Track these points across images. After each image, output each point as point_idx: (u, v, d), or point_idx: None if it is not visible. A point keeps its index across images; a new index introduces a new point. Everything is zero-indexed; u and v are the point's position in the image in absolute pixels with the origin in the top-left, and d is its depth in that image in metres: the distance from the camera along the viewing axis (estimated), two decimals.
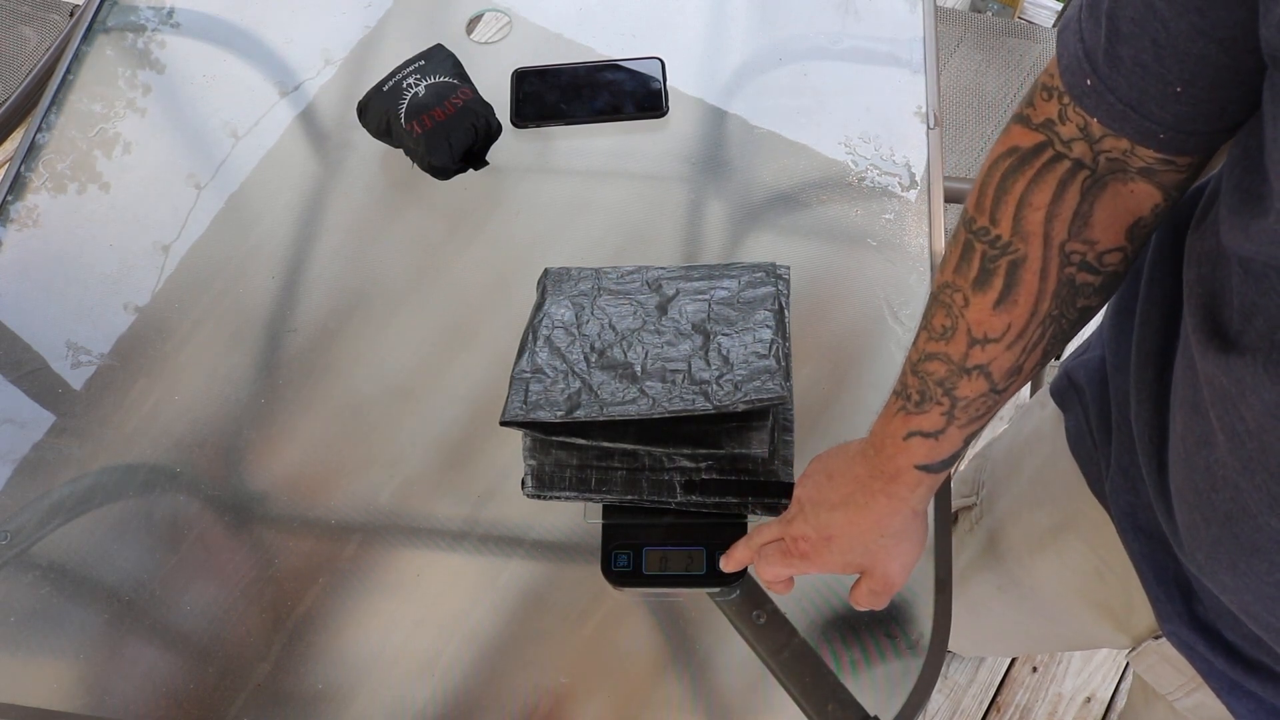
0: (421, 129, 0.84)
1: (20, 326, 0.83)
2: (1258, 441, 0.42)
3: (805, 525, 0.62)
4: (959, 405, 0.55)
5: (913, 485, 0.58)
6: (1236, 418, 0.43)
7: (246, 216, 0.87)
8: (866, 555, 0.61)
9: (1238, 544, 0.45)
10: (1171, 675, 0.66)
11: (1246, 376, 0.41)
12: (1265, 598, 0.46)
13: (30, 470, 0.76)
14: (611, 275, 0.78)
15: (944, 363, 0.54)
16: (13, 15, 1.49)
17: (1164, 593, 0.59)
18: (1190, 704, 0.67)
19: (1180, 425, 0.49)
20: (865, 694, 0.66)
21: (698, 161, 0.88)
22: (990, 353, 0.52)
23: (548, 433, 0.68)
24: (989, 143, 1.34)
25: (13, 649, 0.70)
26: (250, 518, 0.74)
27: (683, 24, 0.96)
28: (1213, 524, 0.47)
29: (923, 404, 0.56)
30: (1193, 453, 0.48)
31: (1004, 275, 0.51)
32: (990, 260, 0.51)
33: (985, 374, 0.53)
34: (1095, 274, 0.50)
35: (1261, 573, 0.45)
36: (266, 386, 0.79)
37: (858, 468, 0.60)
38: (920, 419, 0.56)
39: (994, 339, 0.52)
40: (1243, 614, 0.50)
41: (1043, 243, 0.49)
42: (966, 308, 0.52)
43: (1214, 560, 0.49)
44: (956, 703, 1.44)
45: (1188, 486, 0.49)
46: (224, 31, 0.98)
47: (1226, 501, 0.45)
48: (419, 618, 0.70)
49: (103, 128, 0.93)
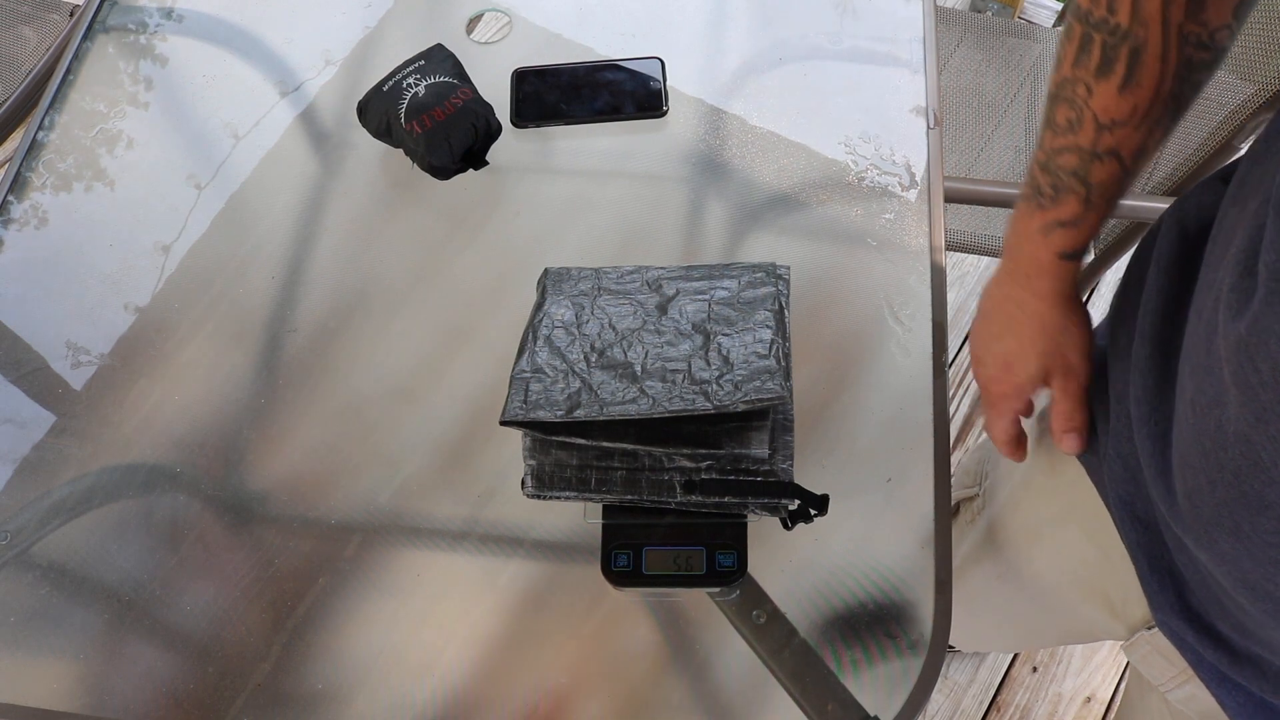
0: (421, 129, 0.84)
1: (20, 326, 0.83)
2: (1272, 391, 0.42)
3: (986, 369, 0.68)
4: (1094, 190, 0.59)
5: (1058, 275, 0.63)
6: (1252, 370, 0.43)
7: (246, 216, 0.87)
8: (1044, 359, 0.65)
9: (1245, 502, 0.46)
10: (1164, 666, 0.66)
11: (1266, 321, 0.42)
12: (1267, 561, 0.47)
13: (30, 470, 0.76)
14: (611, 275, 0.78)
15: (1075, 153, 0.58)
16: (13, 15, 1.49)
17: (1157, 582, 0.60)
18: (1182, 695, 0.67)
19: (1190, 390, 0.50)
20: (865, 694, 0.66)
21: (698, 161, 0.88)
22: (1119, 135, 0.56)
23: (548, 432, 0.68)
24: (989, 143, 1.34)
25: (13, 649, 0.70)
26: (250, 518, 0.74)
27: (683, 24, 0.96)
28: (1219, 485, 0.48)
29: (1058, 196, 0.60)
30: (1203, 415, 0.48)
31: (1126, 61, 0.54)
32: (1111, 49, 0.54)
33: (1116, 156, 0.57)
34: (1208, 50, 0.53)
35: (1266, 532, 0.46)
36: (266, 386, 0.79)
37: (1004, 290, 0.66)
38: (1058, 211, 0.60)
39: (1122, 122, 0.56)
40: (1239, 586, 0.50)
41: (1162, 27, 0.52)
42: (1091, 97, 0.55)
43: (1216, 526, 0.49)
44: (956, 703, 1.44)
45: (1195, 450, 0.50)
46: (224, 31, 0.98)
47: (1237, 458, 0.46)
48: (419, 618, 0.70)
49: (103, 127, 0.93)
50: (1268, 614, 0.50)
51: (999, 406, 0.69)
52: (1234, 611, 0.54)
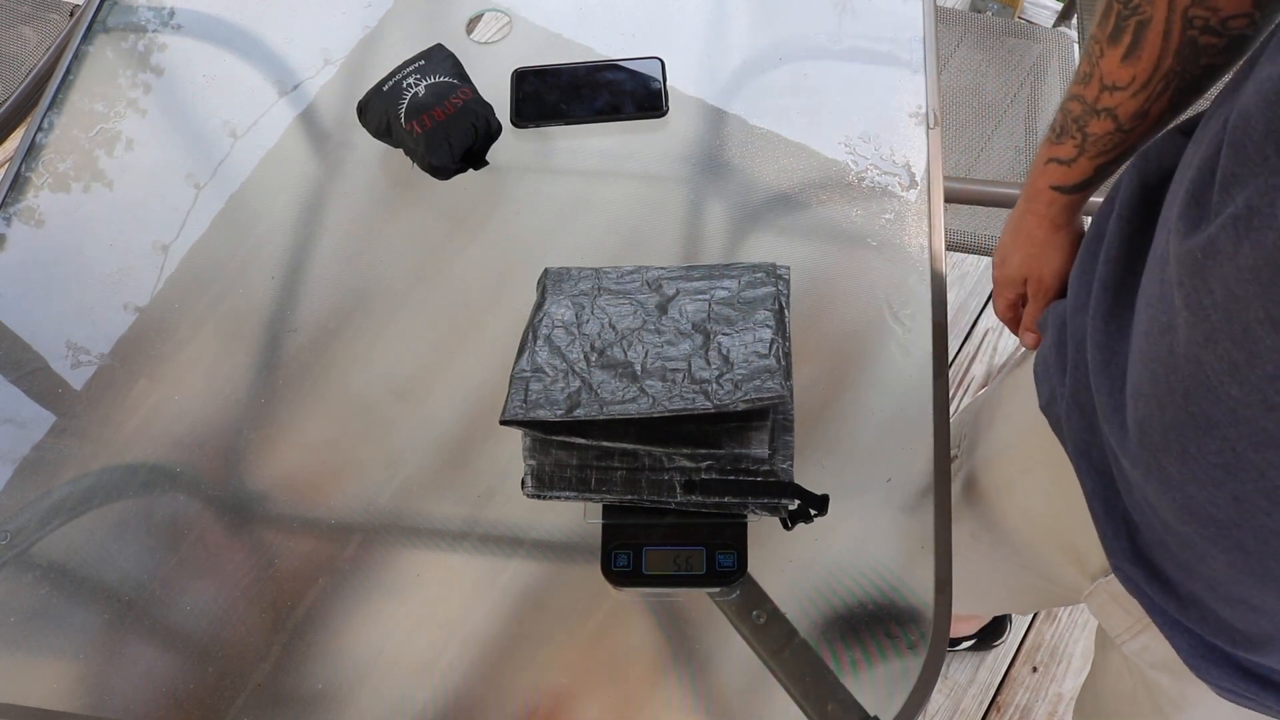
0: (421, 129, 0.84)
1: (20, 326, 0.83)
2: (1223, 312, 0.44)
3: (995, 258, 0.79)
4: (1089, 140, 0.65)
5: (1049, 201, 0.71)
6: (1204, 290, 0.45)
7: (246, 216, 0.87)
8: (1025, 262, 0.75)
9: (1193, 423, 0.48)
10: (1120, 615, 0.68)
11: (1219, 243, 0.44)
12: (1210, 483, 0.48)
13: (30, 470, 0.76)
14: (611, 275, 0.78)
15: (1080, 103, 0.64)
16: (13, 15, 1.49)
17: (1111, 529, 0.61)
18: (1136, 647, 0.69)
19: (1144, 322, 0.52)
20: (865, 694, 0.66)
21: (698, 161, 0.88)
22: (1117, 99, 0.61)
23: (548, 432, 0.68)
24: (989, 143, 1.34)
25: (13, 649, 0.70)
26: (250, 518, 0.74)
27: (683, 24, 0.96)
28: (1168, 408, 0.49)
29: (1061, 136, 0.67)
30: (1154, 342, 0.51)
31: (1132, 33, 0.58)
32: (1122, 19, 0.58)
33: (1112, 116, 0.63)
34: (1219, 36, 0.56)
35: (1211, 453, 0.47)
36: (266, 386, 0.79)
37: (1019, 203, 0.74)
38: (1058, 148, 0.68)
39: (1120, 87, 0.61)
40: (1184, 514, 0.51)
41: (1167, 6, 0.55)
42: (1101, 58, 0.60)
43: (1164, 452, 0.51)
44: (956, 703, 1.44)
45: (1146, 377, 0.52)
46: (224, 31, 0.98)
47: (1186, 379, 0.48)
48: (419, 618, 0.70)
49: (103, 127, 0.93)
50: (1209, 540, 0.51)
51: (996, 289, 0.80)
52: (1177, 550, 0.55)
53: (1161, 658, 0.66)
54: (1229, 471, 0.47)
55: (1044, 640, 1.48)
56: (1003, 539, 0.83)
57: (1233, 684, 0.59)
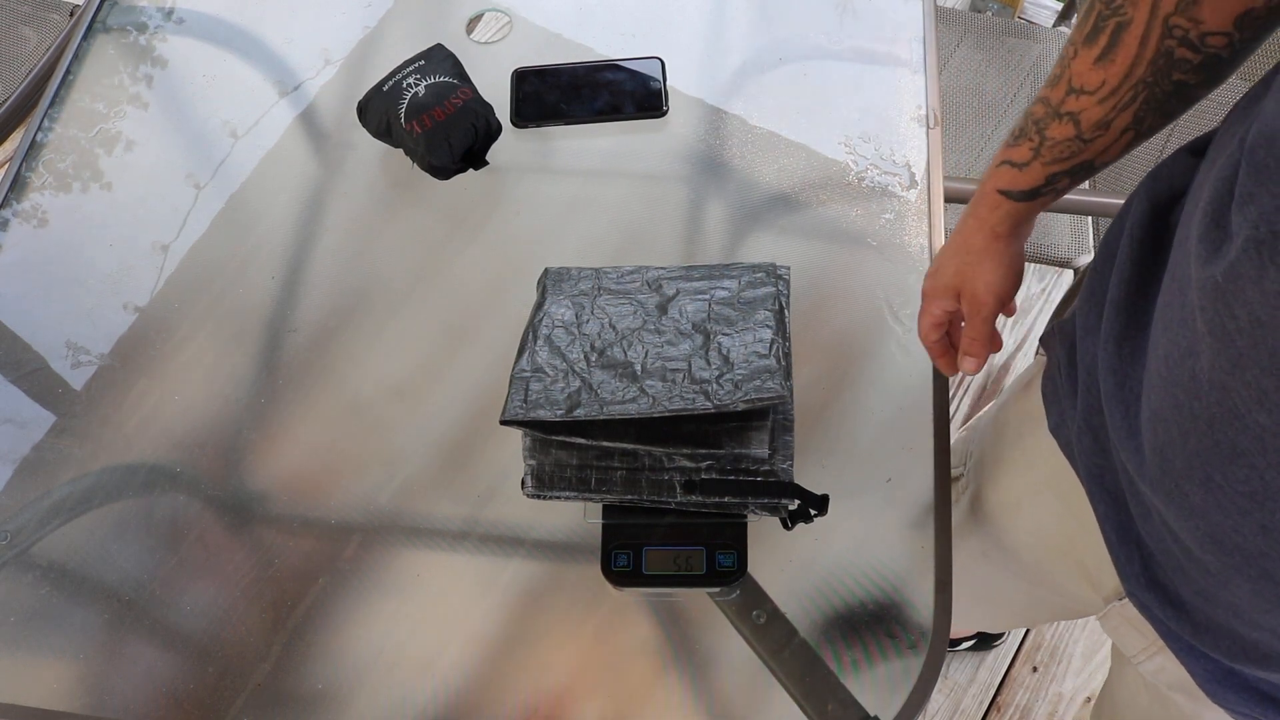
0: (421, 129, 0.84)
1: (20, 326, 0.83)
2: (1249, 338, 0.43)
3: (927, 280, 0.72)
4: (1045, 144, 0.62)
5: (992, 206, 0.67)
6: (1228, 316, 0.44)
7: (246, 216, 0.87)
8: (960, 271, 0.69)
9: (1218, 451, 0.47)
10: (1135, 637, 0.68)
11: (1242, 268, 0.43)
12: (1236, 511, 0.47)
13: (30, 470, 0.76)
14: (611, 275, 0.78)
15: (1044, 105, 0.62)
16: (13, 15, 1.49)
17: (1124, 553, 0.61)
18: (1153, 667, 0.68)
19: (1163, 347, 0.51)
20: (865, 694, 0.66)
21: (698, 161, 0.88)
22: (1082, 103, 0.59)
23: (548, 432, 0.68)
24: (989, 143, 1.34)
25: (13, 649, 0.70)
26: (250, 518, 0.74)
27: (683, 24, 0.96)
28: (1191, 436, 0.48)
29: (1018, 139, 0.64)
30: (1175, 367, 0.49)
31: (1109, 34, 0.56)
32: (1102, 19, 0.56)
33: (1074, 121, 0.60)
34: (1195, 52, 0.54)
35: (1238, 481, 0.46)
36: (266, 386, 0.79)
37: (964, 211, 0.70)
38: (1013, 151, 0.65)
39: (1088, 91, 0.58)
40: (1206, 542, 0.51)
41: (1149, 10, 0.54)
42: (1073, 59, 0.58)
43: (1187, 479, 0.50)
44: (956, 703, 1.44)
45: (1167, 403, 0.50)
46: (224, 31, 0.98)
47: (1211, 406, 0.46)
48: (419, 618, 0.70)
49: (103, 127, 0.93)
50: (1233, 568, 0.50)
51: (924, 302, 0.74)
52: (1197, 577, 0.54)
53: (1178, 679, 0.64)
54: (1256, 500, 0.45)
55: (1044, 640, 1.48)
56: (1013, 557, 0.82)
57: (1249, 709, 0.58)
